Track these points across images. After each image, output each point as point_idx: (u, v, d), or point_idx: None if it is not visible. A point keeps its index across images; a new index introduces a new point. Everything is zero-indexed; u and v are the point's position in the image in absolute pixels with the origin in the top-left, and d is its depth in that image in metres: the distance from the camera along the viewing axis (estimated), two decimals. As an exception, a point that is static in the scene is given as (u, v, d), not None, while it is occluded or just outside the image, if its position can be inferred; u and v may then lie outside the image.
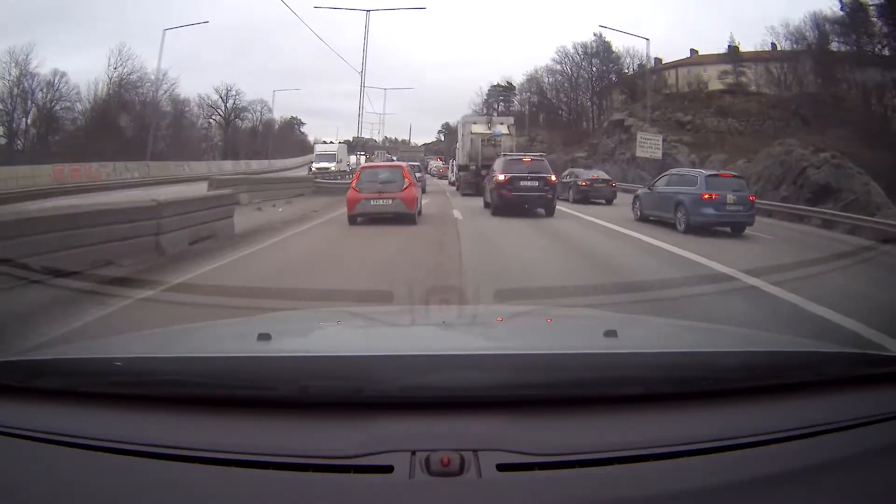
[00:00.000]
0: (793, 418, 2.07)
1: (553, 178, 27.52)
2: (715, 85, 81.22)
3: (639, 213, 26.35)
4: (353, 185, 23.09)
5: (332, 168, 71.97)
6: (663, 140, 60.41)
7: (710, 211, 21.69)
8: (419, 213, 24.23)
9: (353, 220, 22.27)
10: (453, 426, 1.93)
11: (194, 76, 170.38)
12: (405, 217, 22.04)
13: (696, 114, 71.20)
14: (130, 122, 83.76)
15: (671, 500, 1.73)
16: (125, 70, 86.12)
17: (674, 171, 28.18)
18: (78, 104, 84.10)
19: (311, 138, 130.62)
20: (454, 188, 50.28)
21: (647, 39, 73.02)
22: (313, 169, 70.92)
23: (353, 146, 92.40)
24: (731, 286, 11.99)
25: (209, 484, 1.78)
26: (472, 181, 40.88)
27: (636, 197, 27.64)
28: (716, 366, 2.42)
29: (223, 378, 2.17)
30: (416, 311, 5.20)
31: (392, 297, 7.05)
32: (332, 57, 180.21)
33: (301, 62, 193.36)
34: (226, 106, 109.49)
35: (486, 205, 29.19)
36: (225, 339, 3.30)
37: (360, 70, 70.70)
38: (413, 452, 1.79)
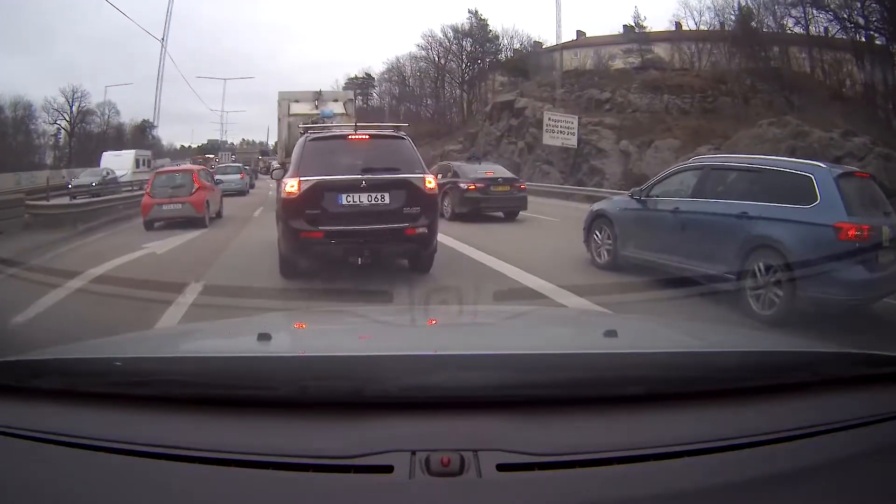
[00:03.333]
0: (793, 418, 2.06)
1: (431, 182, 12.22)
2: (618, 66, 68.33)
3: (606, 251, 13.40)
4: (148, 190, 23.76)
5: None
6: (578, 122, 47.77)
7: (860, 274, 8.96)
8: (219, 214, 25.23)
9: (148, 225, 22.62)
10: (453, 426, 1.93)
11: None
12: (196, 220, 22.35)
13: (616, 90, 54.69)
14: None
15: (671, 500, 1.74)
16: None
17: (714, 159, 14.27)
18: None
19: (164, 142, 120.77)
20: None
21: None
22: None
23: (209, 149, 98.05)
24: None
25: (209, 484, 1.79)
26: None
27: (598, 217, 13.98)
28: (716, 366, 2.42)
29: (223, 378, 2.18)
30: (416, 311, 5.11)
31: (392, 297, 7.03)
32: (191, 62, 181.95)
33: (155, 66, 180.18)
34: (71, 110, 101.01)
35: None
36: (225, 339, 3.34)
37: (161, 38, 54.17)
38: (413, 452, 1.79)
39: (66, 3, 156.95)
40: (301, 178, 11.28)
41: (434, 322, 3.87)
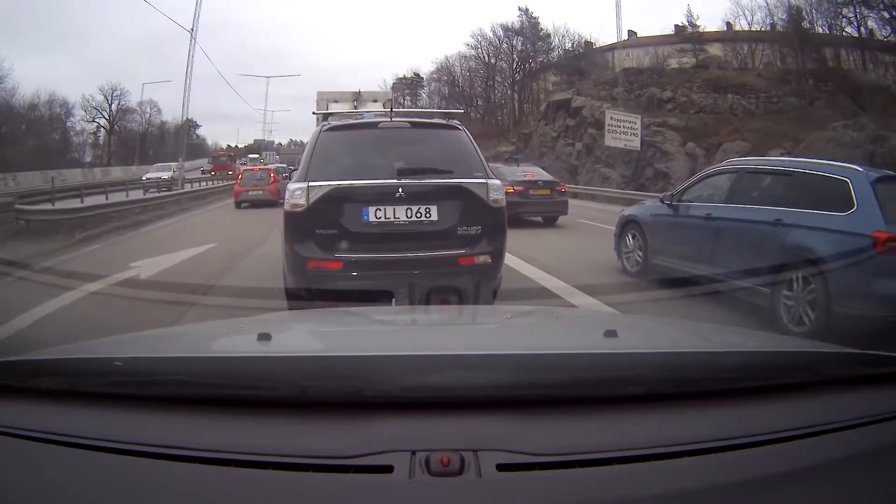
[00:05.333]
0: (793, 418, 2.07)
1: (498, 191, 8.86)
2: (673, 65, 66.12)
3: (639, 258, 12.83)
4: (238, 182, 36.62)
5: None
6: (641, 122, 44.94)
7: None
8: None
9: (238, 205, 34.41)
10: (453, 426, 1.94)
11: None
12: (270, 202, 31.46)
13: (677, 89, 52.30)
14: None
15: (671, 500, 1.74)
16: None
17: (749, 161, 13.15)
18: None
19: (209, 142, 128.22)
20: None
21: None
22: None
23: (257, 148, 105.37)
24: None
25: (209, 484, 1.79)
26: None
27: (629, 222, 13.50)
28: (716, 366, 2.42)
29: (223, 378, 2.19)
30: (416, 311, 5.14)
31: (392, 297, 6.66)
32: (239, 63, 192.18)
33: (204, 66, 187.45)
34: (110, 107, 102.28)
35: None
36: (225, 339, 3.34)
37: (190, 29, 52.63)
38: (413, 452, 1.80)
39: (106, 3, 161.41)
40: (310, 184, 8.27)
41: (434, 322, 3.92)
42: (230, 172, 70.12)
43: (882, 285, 8.12)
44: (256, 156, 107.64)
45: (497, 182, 8.85)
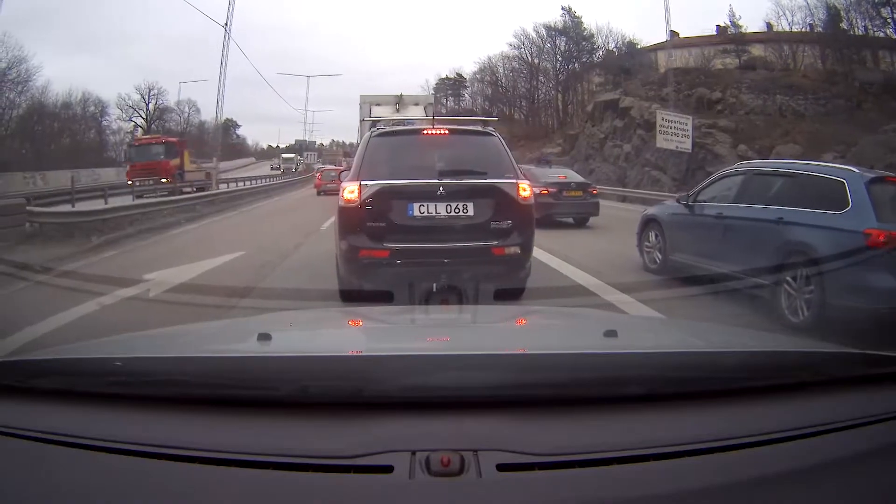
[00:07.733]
0: (793, 418, 2.07)
1: (526, 189, 9.88)
2: (718, 66, 64.48)
3: (658, 255, 13.44)
4: (319, 177, 48.98)
5: None
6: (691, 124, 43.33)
7: (890, 283, 8.62)
8: None
9: (319, 193, 44.61)
10: (453, 426, 1.93)
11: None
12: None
13: (726, 89, 50.32)
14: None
15: (671, 500, 1.74)
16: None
17: (757, 164, 13.80)
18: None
19: (249, 142, 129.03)
20: None
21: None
22: None
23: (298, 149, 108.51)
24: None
25: (209, 484, 1.79)
26: None
27: (650, 221, 14.03)
28: (716, 366, 2.43)
29: (223, 378, 2.18)
30: (416, 310, 5.30)
31: (392, 297, 6.81)
32: (281, 65, 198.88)
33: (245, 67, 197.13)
34: (147, 107, 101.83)
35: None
36: (225, 339, 3.34)
37: (224, 24, 51.07)
38: (413, 452, 1.79)
39: (146, 4, 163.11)
40: (362, 183, 9.36)
41: (434, 322, 3.95)
42: (165, 180, 46.50)
43: (873, 279, 8.57)
44: (291, 156, 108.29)
45: (526, 182, 9.86)
